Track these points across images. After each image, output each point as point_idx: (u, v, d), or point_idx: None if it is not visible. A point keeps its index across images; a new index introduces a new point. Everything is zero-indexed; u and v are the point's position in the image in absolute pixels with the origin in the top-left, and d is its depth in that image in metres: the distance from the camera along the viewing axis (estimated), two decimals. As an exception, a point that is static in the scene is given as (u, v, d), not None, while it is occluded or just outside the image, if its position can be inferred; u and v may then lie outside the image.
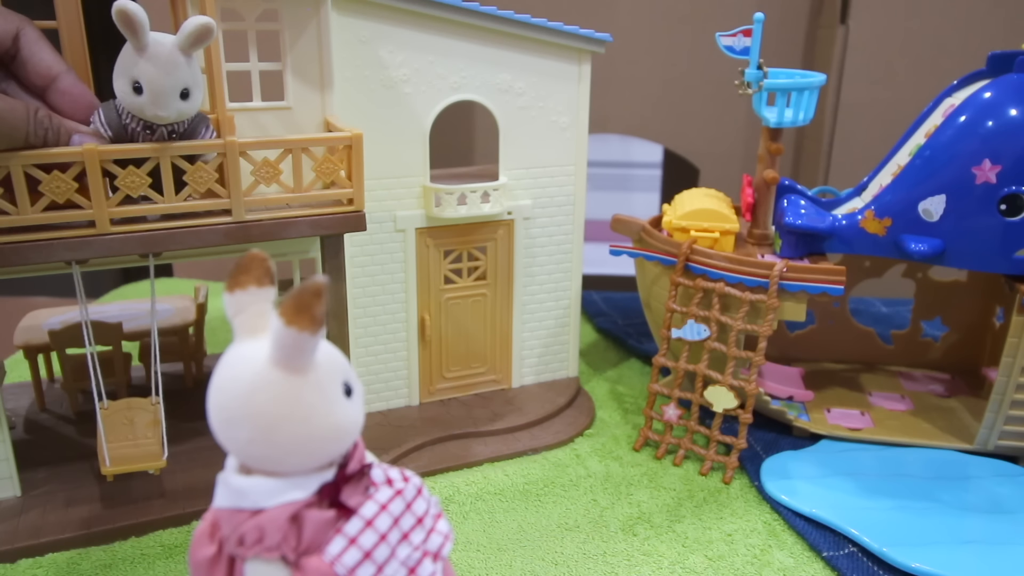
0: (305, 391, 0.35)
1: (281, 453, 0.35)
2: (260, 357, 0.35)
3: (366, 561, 0.36)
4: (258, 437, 0.35)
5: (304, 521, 0.35)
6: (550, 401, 1.08)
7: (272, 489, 0.35)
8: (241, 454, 0.36)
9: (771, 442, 1.00)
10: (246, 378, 0.35)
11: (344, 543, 0.35)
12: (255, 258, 0.38)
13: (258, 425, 0.35)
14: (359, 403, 0.38)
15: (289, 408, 0.35)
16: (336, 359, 0.37)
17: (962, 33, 1.38)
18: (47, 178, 0.67)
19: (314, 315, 0.33)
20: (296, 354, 0.34)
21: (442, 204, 0.98)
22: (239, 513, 0.35)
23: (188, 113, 0.70)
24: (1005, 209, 0.86)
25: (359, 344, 1.00)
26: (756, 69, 0.93)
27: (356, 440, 0.39)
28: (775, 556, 0.81)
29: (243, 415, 0.35)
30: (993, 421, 0.93)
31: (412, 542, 0.38)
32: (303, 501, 0.36)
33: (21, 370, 1.13)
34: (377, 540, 0.36)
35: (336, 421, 0.36)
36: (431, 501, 0.40)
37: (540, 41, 0.98)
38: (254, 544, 0.35)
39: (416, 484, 0.40)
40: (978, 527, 0.82)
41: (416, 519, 0.38)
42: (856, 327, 1.19)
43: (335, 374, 0.37)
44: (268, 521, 0.35)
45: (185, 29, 0.66)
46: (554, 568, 0.79)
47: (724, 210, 0.98)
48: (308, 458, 0.36)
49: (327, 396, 0.36)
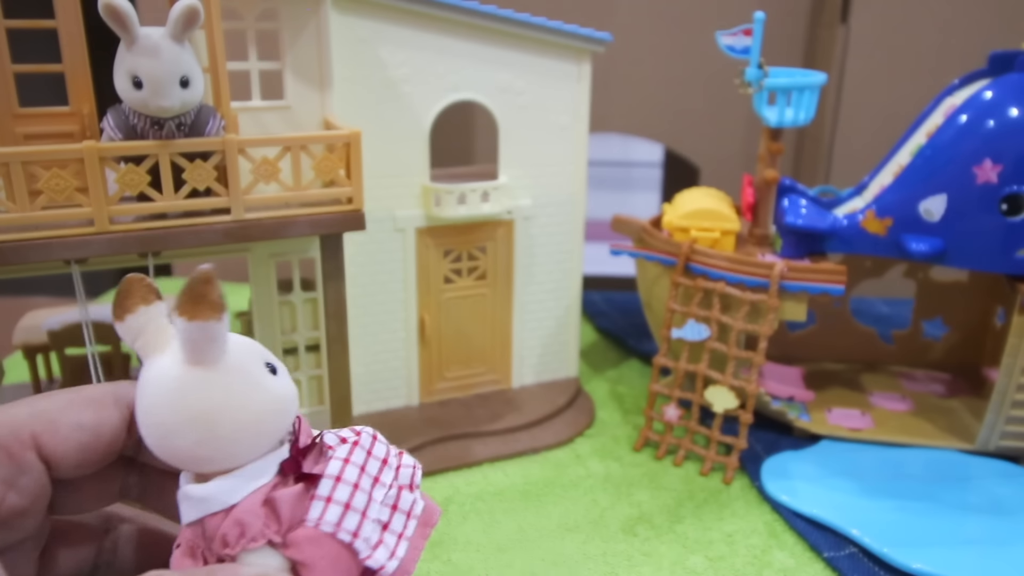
0: (231, 377, 0.35)
1: (230, 444, 0.35)
2: (175, 363, 0.35)
3: (348, 512, 0.36)
4: (204, 437, 0.35)
5: (277, 502, 0.36)
6: (550, 401, 1.08)
7: (234, 485, 0.36)
8: (192, 462, 0.36)
9: (772, 442, 1.00)
10: (171, 387, 0.35)
11: (322, 504, 0.36)
12: (133, 280, 0.38)
13: (199, 426, 0.35)
14: (286, 377, 0.38)
15: (222, 398, 0.35)
16: (249, 344, 0.38)
17: (963, 33, 1.38)
18: (47, 176, 0.67)
19: (212, 301, 0.33)
20: (208, 345, 0.34)
21: (442, 204, 0.97)
22: (212, 518, 0.35)
23: (192, 102, 0.69)
24: (1006, 209, 0.86)
25: (359, 344, 1.00)
26: (757, 68, 0.93)
27: (298, 415, 0.39)
28: (776, 556, 0.81)
29: (181, 422, 0.35)
30: (994, 421, 0.93)
31: (384, 482, 0.38)
32: (268, 484, 0.36)
33: (20, 370, 1.13)
34: (351, 490, 0.37)
35: (273, 396, 0.36)
36: (388, 443, 0.41)
37: (540, 40, 0.98)
38: (239, 539, 0.35)
39: (370, 432, 0.40)
40: (979, 527, 0.82)
41: (381, 461, 0.39)
42: (857, 327, 1.19)
43: (253, 356, 0.37)
44: (243, 513, 0.35)
45: (172, 15, 0.66)
46: (554, 568, 0.79)
47: (725, 210, 0.98)
48: (257, 440, 0.36)
49: (254, 376, 0.36)
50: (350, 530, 0.36)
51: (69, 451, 0.37)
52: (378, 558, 0.36)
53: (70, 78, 0.74)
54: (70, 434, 0.37)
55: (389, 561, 0.36)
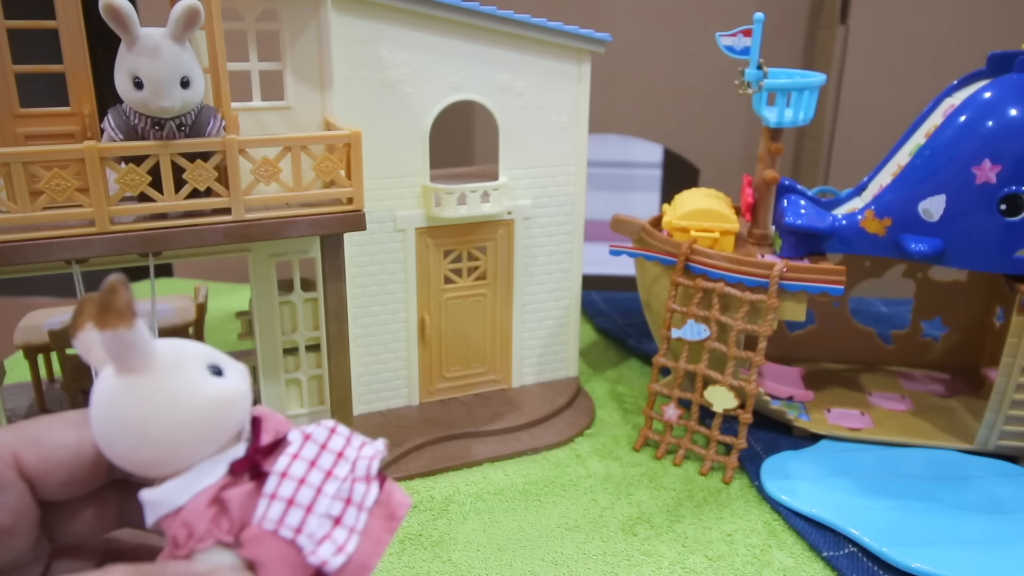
0: (158, 381, 0.35)
1: (165, 448, 0.36)
2: (109, 374, 0.36)
3: (291, 508, 0.36)
4: (137, 442, 0.35)
5: (227, 502, 0.36)
6: (550, 401, 1.08)
7: (181, 486, 0.36)
8: (138, 468, 0.36)
9: (771, 442, 1.00)
10: (103, 397, 0.36)
11: (267, 502, 0.36)
12: (84, 301, 0.39)
13: (131, 432, 0.35)
14: (235, 376, 0.38)
15: (148, 403, 0.35)
16: (190, 348, 0.38)
17: (962, 33, 1.38)
18: (47, 176, 0.67)
19: (118, 309, 0.34)
20: (126, 352, 0.35)
21: (442, 204, 0.98)
22: (165, 520, 0.36)
23: (192, 102, 0.70)
24: (1005, 209, 0.86)
25: (359, 344, 1.00)
26: (756, 69, 0.93)
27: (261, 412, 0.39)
28: (775, 556, 0.81)
29: (115, 430, 0.35)
30: (993, 421, 0.93)
31: (338, 475, 0.38)
32: (217, 484, 0.36)
33: (21, 370, 1.13)
34: (296, 486, 0.36)
35: (206, 396, 0.36)
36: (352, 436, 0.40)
37: (540, 41, 0.98)
38: (186, 540, 0.35)
39: (328, 426, 0.40)
40: (978, 527, 0.82)
41: (336, 454, 0.39)
42: (856, 327, 1.19)
43: (190, 358, 0.37)
44: (189, 514, 0.35)
45: (173, 15, 0.66)
46: (554, 568, 0.79)
47: (724, 210, 0.98)
48: (196, 443, 0.36)
49: (185, 379, 0.36)
50: (292, 526, 0.36)
51: (51, 469, 0.37)
52: (321, 554, 0.35)
53: (71, 78, 0.74)
54: (52, 452, 0.37)
55: (334, 557, 0.36)
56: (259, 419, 0.39)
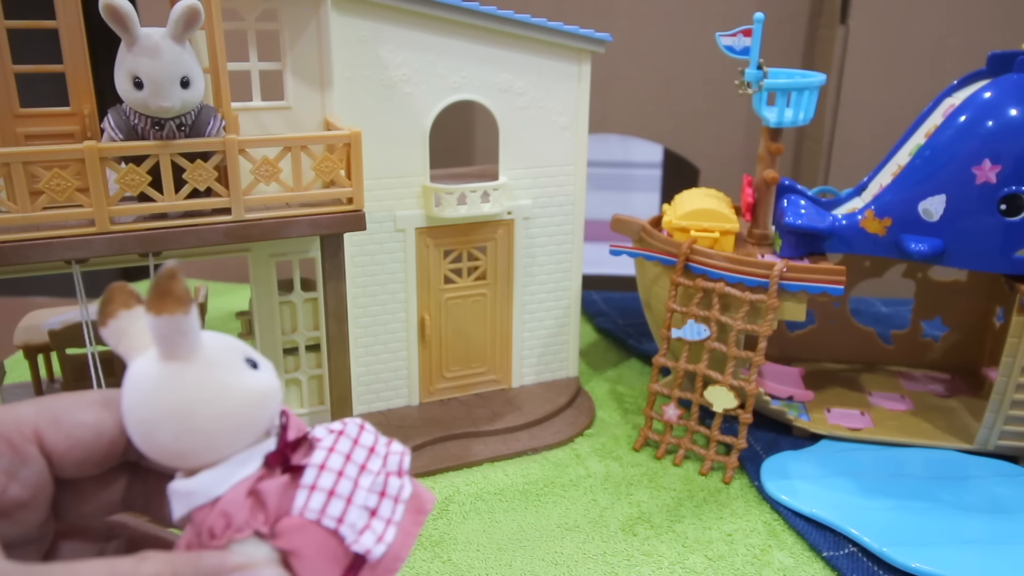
0: (205, 371, 0.36)
1: (209, 437, 0.36)
2: (152, 361, 0.36)
3: (332, 499, 0.36)
4: (182, 430, 0.35)
5: (263, 493, 0.36)
6: (550, 401, 1.08)
7: (219, 476, 0.36)
8: (176, 458, 0.36)
9: (771, 442, 1.00)
10: (146, 384, 0.36)
11: (306, 493, 0.36)
12: (115, 288, 0.39)
13: (177, 419, 0.35)
14: (270, 372, 0.39)
15: (197, 391, 0.35)
16: (229, 340, 0.38)
17: (962, 33, 1.38)
18: (47, 176, 0.67)
19: (176, 295, 0.34)
20: (178, 339, 0.35)
21: (442, 204, 0.98)
22: (199, 511, 0.36)
23: (192, 102, 0.70)
24: (1005, 209, 0.86)
25: (359, 344, 1.00)
26: (756, 69, 0.93)
27: (285, 409, 0.40)
28: (775, 556, 0.81)
29: (159, 418, 0.35)
30: (993, 421, 0.93)
31: (372, 469, 0.38)
32: (254, 475, 0.36)
33: (21, 370, 1.13)
34: (335, 478, 0.37)
35: (250, 387, 0.36)
36: (378, 433, 0.41)
37: (540, 41, 0.98)
38: (224, 530, 0.35)
39: (357, 423, 0.40)
40: (978, 527, 0.82)
41: (368, 449, 0.39)
42: (856, 327, 1.19)
43: (231, 351, 0.37)
44: (228, 503, 0.35)
45: (173, 15, 0.66)
46: (554, 568, 0.79)
47: (724, 210, 0.98)
48: (237, 432, 0.36)
49: (230, 368, 0.36)
50: (335, 516, 0.36)
51: (71, 447, 0.37)
52: (364, 543, 0.36)
53: (71, 78, 0.74)
54: (72, 431, 0.37)
55: (376, 546, 0.36)
56: (288, 414, 0.39)
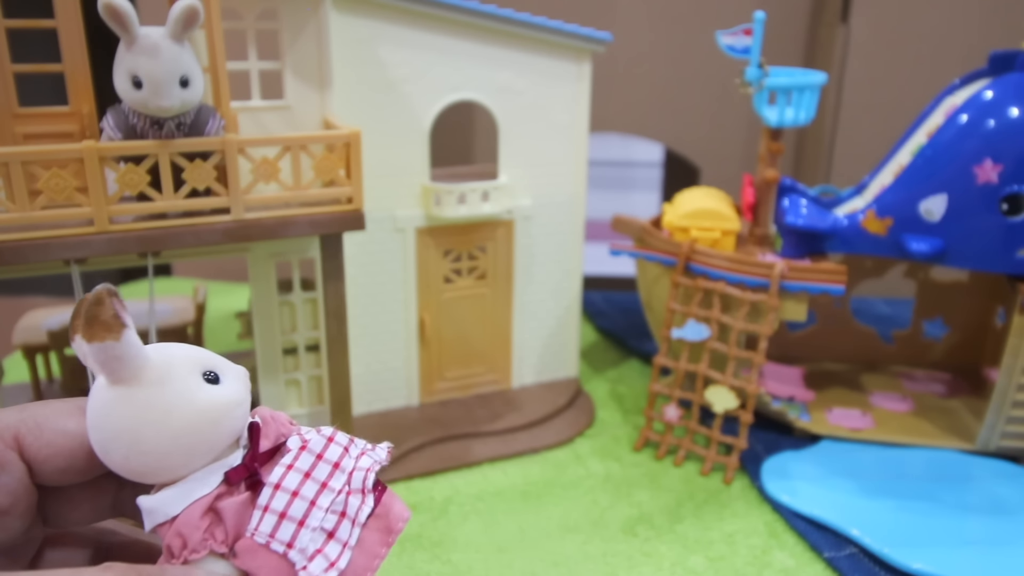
0: (152, 392, 0.35)
1: (159, 458, 0.35)
2: (102, 384, 0.36)
3: (283, 521, 0.36)
4: (130, 452, 0.35)
5: (222, 512, 0.36)
6: (550, 401, 1.08)
7: (175, 495, 0.36)
8: (133, 476, 0.36)
9: (772, 442, 1.00)
10: (95, 407, 0.36)
11: (259, 514, 0.36)
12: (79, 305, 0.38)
13: (124, 442, 0.35)
14: (232, 383, 0.38)
15: (140, 415, 0.35)
16: (185, 354, 0.38)
17: (963, 32, 1.38)
18: (46, 175, 0.67)
19: (104, 321, 0.34)
20: (115, 364, 0.35)
21: (442, 203, 0.97)
22: (161, 528, 0.36)
23: (191, 102, 0.69)
24: (1007, 209, 0.86)
25: (359, 344, 1.00)
26: (757, 68, 0.93)
27: (264, 416, 0.39)
28: (776, 557, 0.81)
29: (108, 439, 0.35)
30: (994, 421, 0.93)
31: (333, 488, 0.38)
32: (211, 494, 0.36)
33: (20, 370, 1.13)
34: (289, 499, 0.36)
35: (200, 408, 0.36)
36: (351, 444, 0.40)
37: (540, 40, 0.98)
38: (180, 550, 0.35)
39: (326, 434, 0.39)
40: (979, 527, 0.82)
41: (332, 465, 0.38)
42: (857, 327, 1.19)
43: (183, 367, 0.37)
44: (183, 524, 0.35)
45: (172, 14, 0.66)
46: (554, 569, 0.79)
47: (725, 210, 0.98)
48: (190, 453, 0.36)
49: (178, 389, 0.36)
50: (284, 541, 0.35)
51: (52, 455, 0.37)
52: (312, 570, 0.35)
53: (70, 78, 0.74)
54: (53, 439, 0.37)
55: (325, 573, 0.35)
56: (257, 426, 0.38)
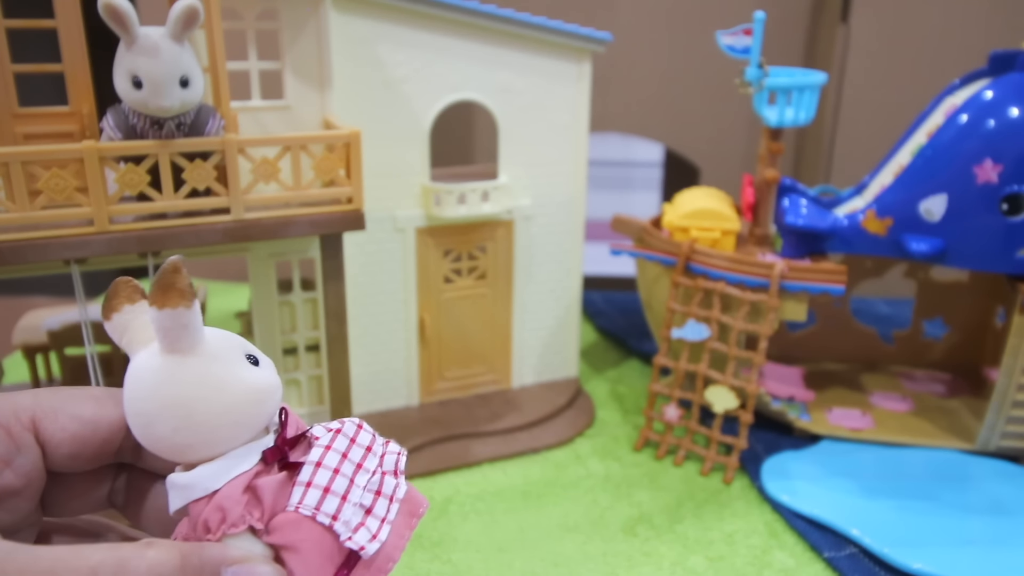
0: (206, 365, 0.36)
1: (208, 432, 0.36)
2: (153, 354, 0.36)
3: (328, 496, 0.36)
4: (181, 425, 0.35)
5: (260, 489, 0.36)
6: (550, 401, 1.08)
7: (217, 470, 0.36)
8: (174, 451, 0.37)
9: (772, 442, 1.00)
10: (147, 377, 0.36)
11: (302, 489, 0.36)
12: (119, 283, 0.39)
13: (176, 414, 0.35)
14: (270, 369, 0.39)
15: (196, 386, 0.36)
16: (231, 336, 0.39)
17: (963, 32, 1.38)
18: (46, 175, 0.67)
19: (180, 289, 0.34)
20: (180, 333, 0.35)
21: (442, 203, 0.97)
22: (196, 505, 0.36)
23: (191, 102, 0.69)
24: (1007, 209, 0.86)
25: (359, 344, 1.00)
26: (757, 68, 0.93)
27: (285, 407, 0.40)
28: (776, 557, 0.81)
29: (158, 410, 0.36)
30: (994, 421, 0.93)
31: (368, 468, 0.39)
32: (251, 471, 0.37)
33: (20, 370, 1.13)
34: (331, 475, 0.37)
35: (250, 384, 0.37)
36: (375, 433, 0.42)
37: (540, 40, 0.98)
38: (220, 524, 0.35)
39: (355, 422, 0.41)
40: (980, 527, 0.82)
41: (364, 448, 0.40)
42: (857, 327, 1.19)
43: (232, 347, 0.38)
44: (224, 498, 0.36)
45: (172, 14, 0.66)
46: (554, 569, 0.79)
47: (725, 210, 0.98)
48: (236, 427, 0.37)
49: (230, 365, 0.37)
50: (329, 513, 0.36)
51: (65, 439, 0.38)
52: (358, 539, 0.36)
53: (70, 78, 0.74)
54: (68, 423, 0.38)
55: (370, 543, 0.36)
56: (287, 412, 0.39)
